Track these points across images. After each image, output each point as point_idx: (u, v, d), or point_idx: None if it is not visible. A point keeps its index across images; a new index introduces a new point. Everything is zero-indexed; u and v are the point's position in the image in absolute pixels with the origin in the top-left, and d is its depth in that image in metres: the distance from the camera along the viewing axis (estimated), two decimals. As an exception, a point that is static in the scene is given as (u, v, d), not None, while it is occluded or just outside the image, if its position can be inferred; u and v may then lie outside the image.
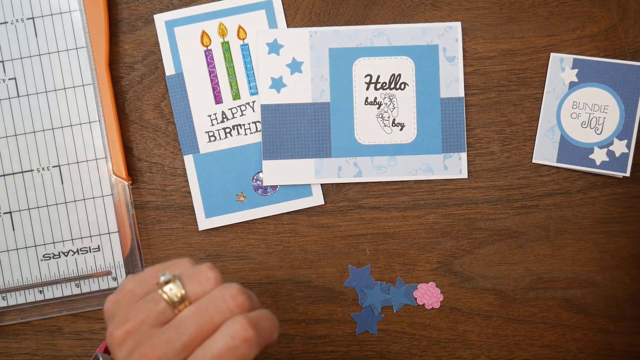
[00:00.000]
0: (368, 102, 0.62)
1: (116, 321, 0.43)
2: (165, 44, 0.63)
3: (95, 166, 0.62)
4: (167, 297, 0.43)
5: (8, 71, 0.62)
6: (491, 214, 0.63)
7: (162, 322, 0.43)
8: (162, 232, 0.63)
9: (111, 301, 0.45)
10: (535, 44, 0.63)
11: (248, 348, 0.41)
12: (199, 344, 0.42)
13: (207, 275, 0.44)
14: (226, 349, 0.41)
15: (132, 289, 0.45)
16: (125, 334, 0.42)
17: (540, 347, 0.63)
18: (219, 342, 0.41)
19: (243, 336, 0.41)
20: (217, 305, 0.42)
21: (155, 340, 0.42)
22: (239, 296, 0.43)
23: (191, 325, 0.42)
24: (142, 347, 0.41)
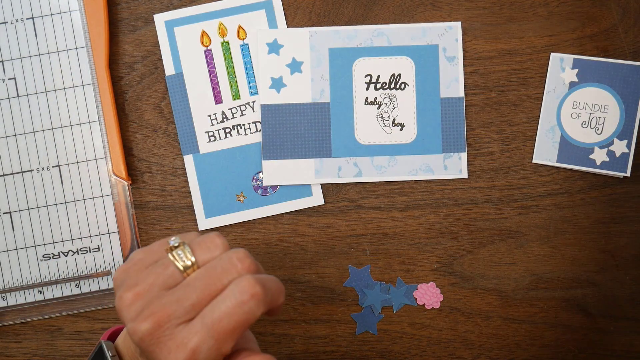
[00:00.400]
0: (368, 102, 0.62)
1: (125, 285, 0.44)
2: (165, 44, 0.63)
3: (95, 166, 0.62)
4: (176, 261, 0.44)
5: (8, 71, 0.62)
6: (491, 214, 0.63)
7: (171, 285, 0.44)
8: (162, 232, 0.63)
9: (120, 270, 0.45)
10: (535, 44, 0.62)
11: (255, 304, 0.42)
12: (207, 303, 0.43)
13: (215, 242, 0.45)
14: (234, 304, 0.42)
15: (142, 258, 0.45)
16: (134, 296, 0.43)
17: (540, 347, 0.63)
18: (228, 298, 0.42)
19: (250, 292, 0.42)
20: (224, 266, 0.43)
21: (164, 300, 0.42)
22: (246, 259, 0.44)
23: (200, 285, 0.43)
24: (151, 306, 0.42)
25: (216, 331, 0.42)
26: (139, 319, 0.42)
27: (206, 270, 0.44)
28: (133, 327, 0.42)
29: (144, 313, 0.42)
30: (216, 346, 0.42)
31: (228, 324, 0.42)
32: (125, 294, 0.43)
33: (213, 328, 0.42)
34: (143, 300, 0.43)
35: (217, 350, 0.42)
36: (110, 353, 0.48)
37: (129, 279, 0.44)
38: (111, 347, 0.49)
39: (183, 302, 0.42)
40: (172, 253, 0.44)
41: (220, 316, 0.42)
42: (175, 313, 0.42)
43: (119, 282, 0.45)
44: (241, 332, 0.43)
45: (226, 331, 0.42)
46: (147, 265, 0.45)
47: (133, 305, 0.43)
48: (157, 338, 0.42)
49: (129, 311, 0.43)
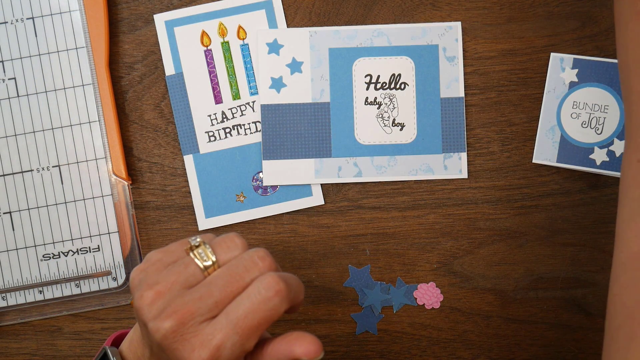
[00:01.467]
0: (368, 102, 0.62)
1: (145, 284, 0.43)
2: (165, 44, 0.63)
3: (95, 166, 0.62)
4: (198, 260, 0.44)
5: (8, 71, 0.62)
6: (491, 214, 0.63)
7: (192, 284, 0.44)
8: (162, 232, 0.63)
9: (138, 270, 0.45)
10: (535, 44, 0.62)
11: (280, 300, 0.43)
12: (229, 300, 0.43)
13: (234, 242, 0.45)
14: (260, 300, 0.42)
15: (160, 258, 0.45)
16: (156, 294, 0.43)
17: (540, 347, 0.63)
18: (252, 294, 0.42)
19: (275, 288, 0.42)
20: (246, 265, 0.44)
21: (187, 297, 0.42)
22: (267, 257, 0.44)
23: (222, 283, 0.43)
24: (173, 304, 0.42)
25: (241, 327, 0.42)
26: (162, 317, 0.42)
27: (228, 268, 0.44)
28: (156, 325, 0.42)
29: (167, 311, 0.42)
30: (240, 342, 0.42)
31: (252, 320, 0.42)
32: (146, 293, 0.43)
33: (238, 324, 0.42)
34: (164, 299, 0.43)
35: (241, 347, 0.42)
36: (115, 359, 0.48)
37: (149, 278, 0.44)
38: (116, 353, 0.49)
39: (206, 299, 0.42)
40: (192, 252, 0.44)
41: (245, 312, 0.42)
42: (199, 310, 0.42)
43: (136, 282, 0.45)
44: (265, 328, 0.43)
45: (251, 327, 0.42)
46: (166, 265, 0.45)
47: (154, 304, 0.43)
48: (180, 335, 0.42)
49: (150, 310, 0.43)
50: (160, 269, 0.45)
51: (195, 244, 0.45)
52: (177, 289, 0.43)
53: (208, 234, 0.47)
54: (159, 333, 0.42)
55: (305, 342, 0.44)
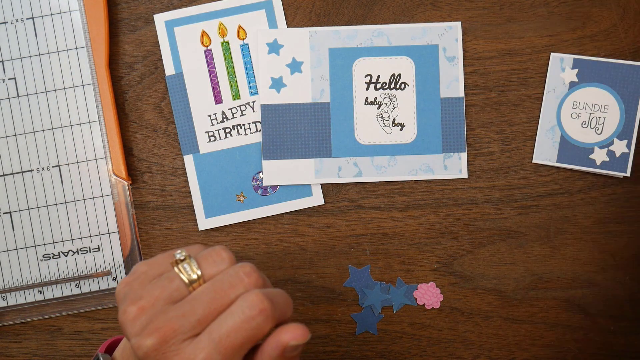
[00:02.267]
0: (368, 102, 0.62)
1: (129, 298, 0.43)
2: (165, 44, 0.63)
3: (95, 166, 0.62)
4: (183, 274, 0.43)
5: (8, 71, 0.62)
6: (491, 214, 0.63)
7: (176, 299, 0.43)
8: (162, 232, 0.63)
9: (123, 283, 0.45)
10: (535, 44, 0.63)
11: (264, 319, 0.42)
12: (213, 318, 0.42)
13: (221, 256, 0.44)
14: (242, 319, 0.41)
15: (146, 271, 0.45)
16: (139, 310, 0.42)
17: (541, 347, 0.63)
18: (235, 313, 0.42)
19: (259, 307, 0.42)
20: (231, 281, 0.43)
21: (170, 314, 0.42)
22: (253, 273, 0.43)
23: (206, 300, 0.42)
24: (156, 321, 0.42)
25: (223, 347, 0.41)
26: (144, 334, 0.41)
27: (213, 284, 0.43)
28: (138, 342, 0.42)
29: (149, 328, 0.42)
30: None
31: (235, 340, 0.41)
32: (129, 308, 0.42)
33: (220, 344, 0.41)
34: (147, 314, 0.42)
35: None
36: None
37: (133, 293, 0.43)
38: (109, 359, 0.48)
39: (189, 316, 0.42)
40: (177, 266, 0.44)
41: (228, 331, 0.41)
42: (181, 328, 0.41)
43: (122, 295, 0.44)
44: (248, 347, 0.42)
45: (234, 347, 0.41)
46: (151, 278, 0.44)
47: (137, 320, 0.42)
48: (162, 354, 0.41)
49: (133, 325, 0.42)
50: (145, 283, 0.44)
51: (180, 258, 0.44)
52: (160, 304, 0.43)
53: (195, 246, 0.46)
54: (140, 350, 0.42)
55: (290, 329, 0.43)
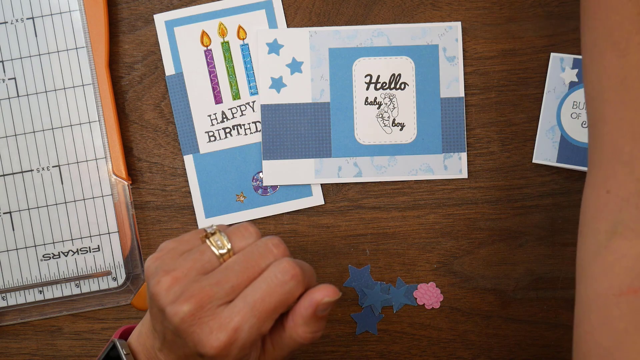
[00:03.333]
0: (368, 102, 0.62)
1: (162, 270, 0.44)
2: (165, 44, 0.63)
3: (95, 166, 0.62)
4: (213, 247, 0.45)
5: (8, 71, 0.62)
6: (491, 214, 0.63)
7: (208, 270, 0.45)
8: (162, 232, 0.63)
9: (152, 258, 0.46)
10: (535, 44, 0.63)
11: (295, 284, 0.44)
12: (246, 285, 0.44)
13: (249, 230, 0.47)
14: (276, 284, 0.44)
15: (174, 247, 0.46)
16: (173, 280, 0.44)
17: (541, 347, 0.63)
18: (268, 278, 0.44)
19: (291, 272, 0.44)
20: (261, 252, 0.45)
21: (204, 282, 0.44)
22: (281, 244, 0.46)
23: (239, 269, 0.44)
24: (191, 289, 0.43)
25: (258, 310, 0.43)
26: (180, 301, 0.43)
27: (243, 254, 0.45)
28: (174, 309, 0.43)
29: (185, 295, 0.43)
30: (257, 325, 0.43)
31: (269, 304, 0.43)
32: (162, 278, 0.44)
33: (255, 307, 0.43)
34: (181, 283, 0.44)
35: (258, 330, 0.43)
36: (124, 351, 0.48)
37: (165, 265, 0.45)
38: (124, 345, 0.49)
39: (223, 284, 0.44)
40: (208, 239, 0.46)
41: (262, 296, 0.43)
42: (216, 294, 0.43)
43: (152, 270, 0.45)
44: (280, 312, 0.44)
45: (267, 310, 0.43)
46: (180, 253, 0.46)
47: (172, 289, 0.44)
48: (198, 318, 0.43)
49: (168, 294, 0.44)
50: (176, 257, 0.46)
51: (211, 232, 0.46)
52: (193, 274, 0.44)
53: (222, 224, 0.48)
54: (177, 316, 0.43)
55: (322, 288, 0.46)
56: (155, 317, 0.46)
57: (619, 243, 0.43)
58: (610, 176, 0.44)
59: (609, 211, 0.44)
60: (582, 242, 0.45)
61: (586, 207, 0.46)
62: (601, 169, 0.45)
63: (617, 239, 0.43)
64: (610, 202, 0.44)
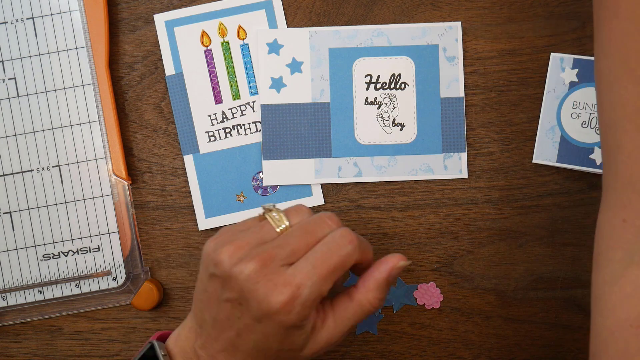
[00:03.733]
0: (368, 102, 0.62)
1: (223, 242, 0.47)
2: (165, 44, 0.63)
3: (95, 166, 0.62)
4: (272, 222, 0.48)
5: (8, 71, 0.62)
6: (491, 214, 0.63)
7: (267, 241, 0.47)
8: (162, 232, 0.63)
9: (212, 239, 0.48)
10: (535, 44, 0.62)
11: (353, 248, 0.47)
12: (305, 251, 0.47)
13: (302, 209, 0.50)
14: (335, 246, 0.46)
15: (229, 229, 0.49)
16: (235, 247, 0.47)
17: (541, 347, 0.63)
18: (329, 242, 0.47)
19: (349, 238, 0.47)
20: (318, 223, 0.48)
21: (265, 246, 0.46)
22: (334, 217, 0.49)
23: (298, 236, 0.47)
24: (253, 252, 0.46)
25: (319, 269, 0.46)
26: (244, 261, 0.45)
27: (301, 224, 0.48)
28: (239, 269, 0.45)
29: (249, 256, 0.46)
30: (319, 284, 0.46)
31: (329, 265, 0.46)
32: (225, 247, 0.47)
33: (316, 267, 0.46)
34: (244, 250, 0.46)
35: (319, 288, 0.46)
36: (162, 352, 0.50)
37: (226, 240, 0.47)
38: (162, 347, 0.50)
39: (284, 247, 0.46)
40: (267, 215, 0.49)
41: (323, 256, 0.46)
42: (278, 255, 0.46)
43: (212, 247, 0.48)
44: (338, 275, 0.47)
45: (328, 270, 0.46)
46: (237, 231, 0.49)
47: (235, 254, 0.46)
48: (263, 276, 0.45)
49: (232, 259, 0.46)
50: (235, 233, 0.48)
51: (268, 208, 0.49)
52: (254, 243, 0.47)
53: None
54: (242, 274, 0.45)
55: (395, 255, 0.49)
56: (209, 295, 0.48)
57: (636, 273, 0.42)
58: (626, 205, 0.44)
59: (625, 240, 0.43)
60: (598, 271, 0.45)
61: (601, 235, 0.46)
62: (617, 197, 0.45)
63: (634, 268, 0.42)
64: (626, 231, 0.43)
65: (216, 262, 0.47)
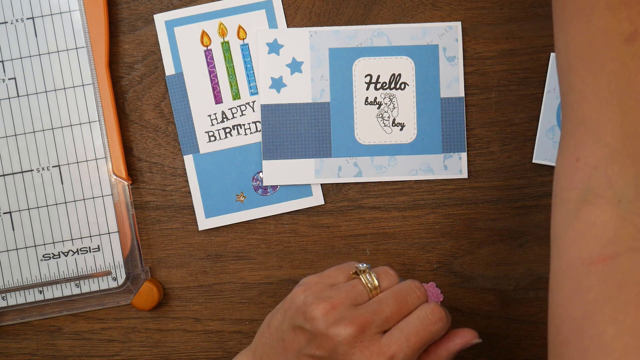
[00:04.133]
0: (368, 102, 0.62)
1: (317, 298, 0.48)
2: (165, 44, 0.63)
3: (95, 166, 0.62)
4: (364, 282, 0.49)
5: (8, 71, 0.62)
6: (491, 214, 0.63)
7: (359, 302, 0.48)
8: (162, 232, 0.63)
9: (300, 290, 0.50)
10: (535, 44, 0.62)
11: (442, 326, 0.48)
12: (397, 319, 0.48)
13: (390, 273, 0.51)
14: (427, 323, 0.48)
15: (319, 281, 0.50)
16: (330, 306, 0.47)
17: (541, 347, 0.63)
18: (422, 316, 0.48)
19: (439, 315, 0.48)
20: (408, 291, 0.49)
21: (361, 310, 0.47)
22: (422, 287, 0.50)
23: (391, 303, 0.48)
24: (350, 314, 0.47)
25: (412, 342, 0.47)
26: (343, 324, 0.46)
27: (393, 292, 0.49)
28: (336, 331, 0.46)
29: (346, 319, 0.46)
30: (409, 357, 0.47)
31: (421, 339, 0.47)
32: (320, 304, 0.47)
33: (410, 339, 0.47)
34: (339, 310, 0.47)
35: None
36: None
37: (319, 294, 0.48)
38: None
39: (379, 313, 0.47)
40: (359, 275, 0.50)
41: (417, 329, 0.47)
42: (375, 322, 0.47)
43: (302, 299, 0.49)
44: (424, 348, 0.48)
45: (419, 344, 0.47)
46: (328, 286, 0.49)
47: (330, 314, 0.47)
48: (360, 342, 0.46)
49: (327, 318, 0.47)
50: (326, 288, 0.49)
51: (361, 269, 0.50)
52: (348, 304, 0.48)
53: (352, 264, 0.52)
54: (339, 337, 0.46)
55: (470, 330, 0.50)
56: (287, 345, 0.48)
57: (589, 211, 0.42)
58: (578, 143, 0.44)
59: (578, 179, 0.43)
60: (554, 212, 0.45)
61: (557, 176, 0.46)
62: (570, 137, 0.45)
63: (587, 207, 0.42)
64: (579, 170, 0.43)
65: (309, 318, 0.47)
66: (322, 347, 0.47)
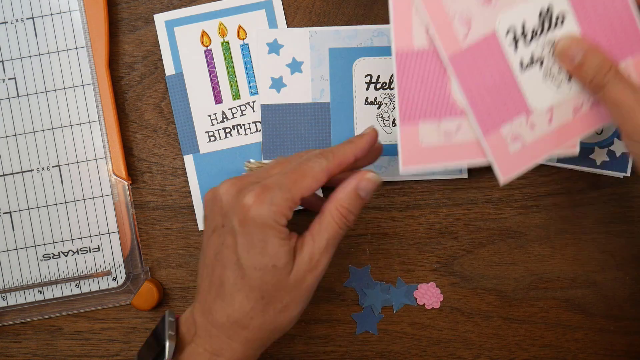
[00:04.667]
0: (368, 102, 0.62)
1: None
2: (165, 43, 0.63)
3: (95, 166, 0.62)
4: (256, 166, 0.56)
5: (8, 71, 0.62)
6: (491, 214, 0.63)
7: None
8: (162, 232, 0.63)
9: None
10: (535, 44, 0.62)
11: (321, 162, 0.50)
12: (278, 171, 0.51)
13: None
14: (306, 159, 0.50)
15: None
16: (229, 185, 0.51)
17: (541, 347, 0.63)
18: (301, 156, 0.51)
19: (318, 153, 0.51)
20: (294, 155, 0.53)
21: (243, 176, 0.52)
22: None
23: (274, 163, 0.52)
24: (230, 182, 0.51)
25: (289, 175, 0.49)
26: (222, 188, 0.50)
27: (277, 159, 0.53)
28: (219, 196, 0.50)
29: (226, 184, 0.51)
30: (287, 186, 0.49)
31: (298, 172, 0.49)
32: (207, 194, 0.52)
33: (286, 173, 0.50)
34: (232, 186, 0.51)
35: (288, 190, 0.49)
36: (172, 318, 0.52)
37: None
38: (172, 314, 0.52)
39: (259, 172, 0.52)
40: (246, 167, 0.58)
41: (293, 167, 0.50)
42: (253, 175, 0.51)
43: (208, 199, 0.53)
44: (310, 183, 0.49)
45: (297, 176, 0.49)
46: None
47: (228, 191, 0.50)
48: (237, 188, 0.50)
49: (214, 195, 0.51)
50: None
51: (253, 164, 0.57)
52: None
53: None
54: (223, 196, 0.50)
55: (363, 170, 0.51)
56: (204, 250, 0.51)
57: None
58: None
59: None
60: None
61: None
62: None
63: None
64: None
65: (205, 209, 0.52)
66: (216, 214, 0.50)
